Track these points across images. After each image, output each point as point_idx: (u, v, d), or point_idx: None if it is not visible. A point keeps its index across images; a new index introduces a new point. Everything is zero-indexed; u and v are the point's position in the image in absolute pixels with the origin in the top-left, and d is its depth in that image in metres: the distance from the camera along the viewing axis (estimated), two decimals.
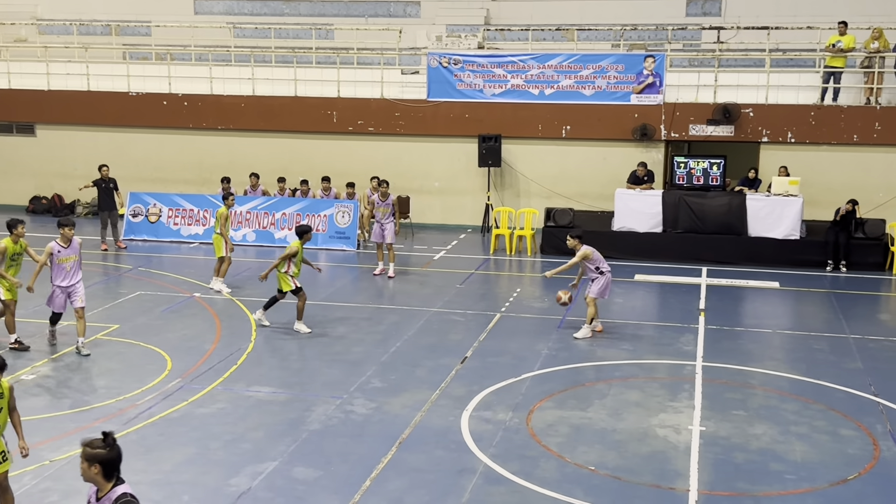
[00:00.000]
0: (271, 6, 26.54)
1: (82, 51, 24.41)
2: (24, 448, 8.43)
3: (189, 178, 23.43)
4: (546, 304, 16.36)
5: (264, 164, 22.66)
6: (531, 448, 10.30)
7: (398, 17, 25.94)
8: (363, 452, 10.11)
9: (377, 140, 22.94)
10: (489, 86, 22.34)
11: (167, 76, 23.56)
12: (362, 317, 15.21)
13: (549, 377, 12.57)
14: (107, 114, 23.84)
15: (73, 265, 13.14)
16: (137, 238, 21.20)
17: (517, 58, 22.27)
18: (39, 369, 12.53)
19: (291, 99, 23.09)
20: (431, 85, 22.54)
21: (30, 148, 24.57)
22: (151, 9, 26.32)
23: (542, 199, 21.97)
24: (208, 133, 23.63)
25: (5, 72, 24.31)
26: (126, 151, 23.62)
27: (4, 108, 24.34)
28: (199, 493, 9.17)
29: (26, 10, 26.79)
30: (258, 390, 11.93)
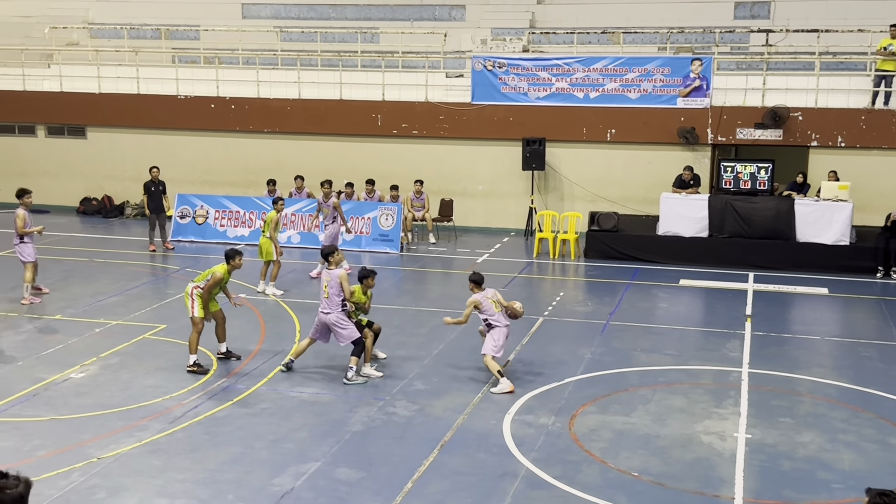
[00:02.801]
0: (318, 10, 26.74)
1: (132, 54, 24.80)
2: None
3: (235, 181, 23.68)
4: (589, 309, 16.27)
5: (309, 166, 22.83)
6: (573, 453, 10.24)
7: (443, 20, 26.00)
8: (405, 454, 10.14)
9: (421, 143, 23.00)
10: (534, 89, 22.29)
11: (215, 79, 23.85)
12: (405, 319, 15.25)
13: (592, 382, 12.49)
14: (156, 117, 24.19)
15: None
16: (185, 239, 21.48)
17: (562, 61, 22.19)
18: (88, 367, 12.74)
19: (337, 102, 23.23)
20: (476, 88, 22.54)
21: (81, 150, 25.00)
22: (201, 13, 26.67)
23: (586, 203, 21.86)
24: (254, 136, 23.87)
25: (57, 75, 24.77)
26: (174, 154, 23.94)
27: (56, 110, 24.81)
28: (244, 491, 9.26)
29: (78, 15, 27.29)
30: (302, 391, 12.01)
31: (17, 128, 25.32)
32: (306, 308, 15.67)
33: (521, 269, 19.26)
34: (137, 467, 9.75)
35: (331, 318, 12.25)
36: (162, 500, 9.06)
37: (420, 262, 19.72)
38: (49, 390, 11.89)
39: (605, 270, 19.15)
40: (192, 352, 12.62)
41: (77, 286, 17.12)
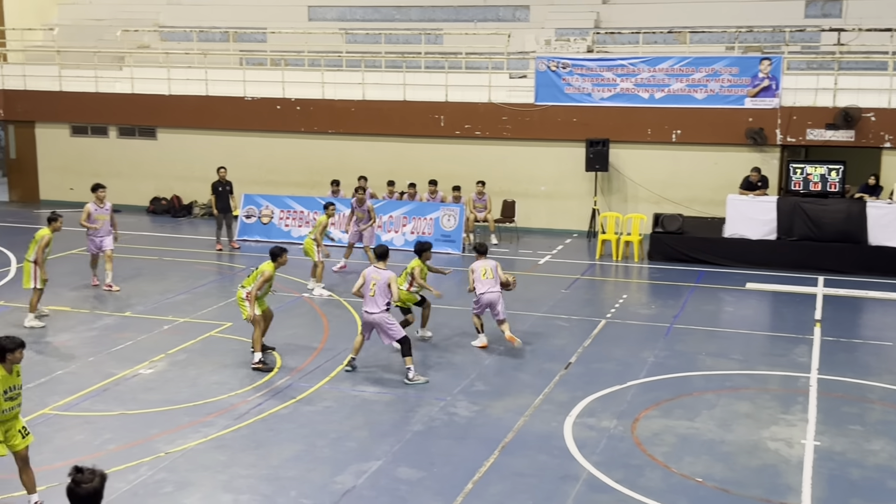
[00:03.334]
0: (382, 12, 26.91)
1: (201, 57, 25.24)
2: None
3: (300, 181, 23.95)
4: (653, 311, 16.10)
5: (373, 167, 22.98)
6: (636, 457, 10.14)
7: (507, 21, 25.95)
8: (466, 455, 10.15)
9: (484, 144, 22.99)
10: (598, 89, 22.13)
11: (281, 81, 24.15)
12: (466, 320, 15.25)
13: (655, 385, 12.36)
14: (223, 118, 24.59)
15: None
16: (250, 239, 21.79)
17: (627, 61, 21.98)
18: (157, 364, 13.00)
19: (400, 103, 23.35)
20: (539, 89, 22.46)
21: (151, 151, 25.53)
22: (268, 16, 27.04)
23: (650, 205, 21.62)
24: (319, 137, 24.12)
25: (129, 77, 25.33)
26: (241, 154, 24.31)
27: (128, 112, 25.38)
28: (306, 488, 9.36)
29: (149, 18, 27.87)
30: (363, 390, 12.10)
31: (91, 129, 25.96)
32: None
33: (583, 270, 19.13)
34: (203, 462, 9.93)
35: (376, 318, 12.29)
36: (226, 496, 9.21)
37: None
38: (119, 386, 12.17)
39: (669, 273, 18.92)
40: (256, 350, 12.80)
41: (146, 284, 17.49)
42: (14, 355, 8.50)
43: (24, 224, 23.43)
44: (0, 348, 8.46)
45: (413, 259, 13.83)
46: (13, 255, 19.63)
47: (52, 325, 14.86)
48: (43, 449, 10.21)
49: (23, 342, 8.61)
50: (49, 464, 9.76)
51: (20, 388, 8.68)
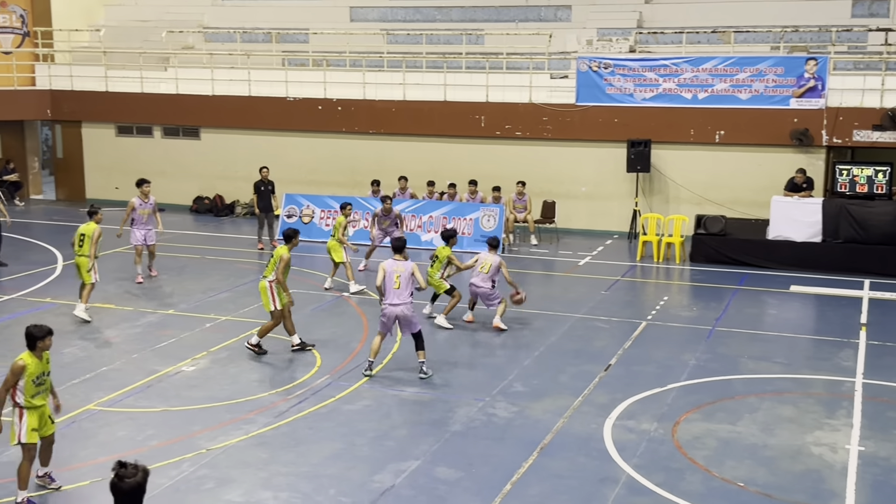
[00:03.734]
0: (423, 12, 26.95)
1: (245, 58, 25.47)
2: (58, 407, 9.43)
3: (341, 181, 24.06)
4: (695, 314, 15.95)
5: (413, 167, 23.03)
6: (676, 460, 10.06)
7: (549, 21, 25.85)
8: (504, 456, 10.13)
9: (524, 144, 22.94)
10: (640, 90, 21.97)
11: (322, 82, 24.29)
12: (506, 320, 15.23)
13: (696, 388, 12.24)
14: (266, 118, 24.79)
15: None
16: None
17: (670, 61, 21.80)
18: (199, 361, 13.14)
19: (441, 104, 23.38)
20: (580, 89, 22.35)
21: (194, 150, 25.82)
22: (310, 17, 27.20)
23: (692, 206, 21.42)
24: (360, 137, 24.22)
25: (173, 78, 25.63)
26: (282, 154, 24.49)
27: (172, 112, 25.69)
28: (345, 487, 9.41)
29: (194, 19, 28.18)
30: (402, 389, 12.13)
31: (136, 129, 26.32)
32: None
33: (623, 272, 19.01)
34: (244, 459, 10.02)
35: (402, 309, 12.34)
36: (266, 493, 9.28)
37: (521, 264, 19.66)
38: (162, 382, 12.33)
39: (711, 275, 18.73)
40: (260, 335, 13.24)
41: (189, 282, 17.70)
42: (44, 342, 8.86)
43: (70, 222, 23.82)
44: (30, 336, 8.84)
45: (439, 247, 15.07)
46: (60, 252, 19.96)
47: (97, 322, 15.08)
48: (88, 444, 10.38)
49: (51, 329, 8.95)
50: (93, 458, 9.91)
51: (48, 375, 9.04)
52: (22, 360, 8.77)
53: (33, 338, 8.81)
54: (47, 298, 16.28)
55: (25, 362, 8.76)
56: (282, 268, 13.12)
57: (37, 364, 8.83)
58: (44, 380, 8.95)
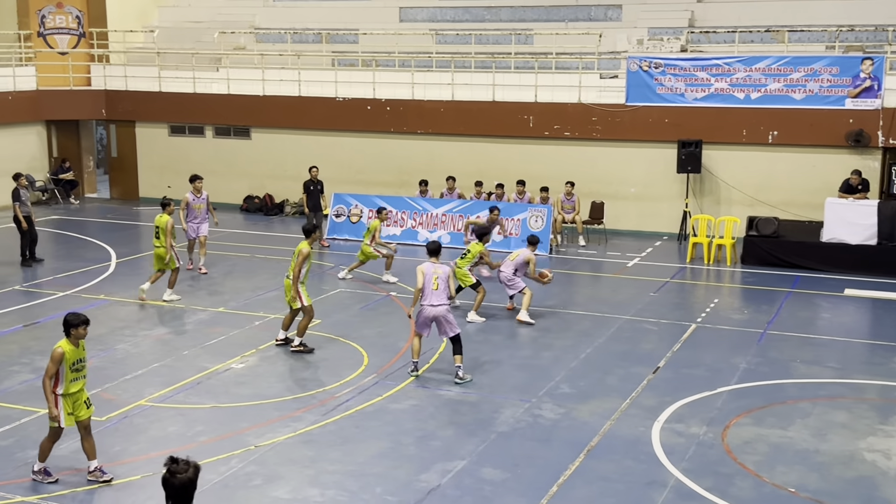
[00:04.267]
0: (473, 12, 26.94)
1: (295, 58, 25.69)
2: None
3: (388, 181, 24.15)
4: (746, 316, 15.73)
5: (461, 167, 23.03)
6: (726, 465, 9.93)
7: (599, 20, 25.68)
8: (550, 457, 10.09)
9: (573, 145, 22.81)
10: (691, 90, 21.73)
11: (371, 82, 24.41)
12: (553, 321, 15.17)
13: (746, 392, 12.08)
14: (315, 118, 24.97)
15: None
16: (339, 237, 22.07)
17: (722, 60, 21.53)
18: (248, 359, 13.28)
19: (489, 104, 23.35)
20: (630, 89, 22.17)
21: (245, 150, 26.09)
22: (360, 17, 27.34)
23: (744, 208, 21.13)
24: (408, 137, 24.28)
25: (225, 78, 25.94)
26: (331, 154, 24.64)
27: (223, 112, 25.99)
28: (391, 486, 9.43)
29: (245, 20, 28.49)
30: (449, 389, 12.13)
31: (188, 128, 26.68)
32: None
33: (673, 273, 18.82)
34: (291, 456, 10.10)
35: (440, 310, 12.35)
36: (314, 490, 9.34)
37: (569, 265, 19.56)
38: (211, 379, 12.48)
39: (763, 277, 18.46)
40: (299, 334, 13.40)
41: (239, 280, 17.89)
42: (78, 330, 9.16)
43: (124, 221, 24.25)
44: (66, 323, 9.21)
45: (472, 243, 15.61)
46: (113, 250, 20.30)
47: (150, 319, 15.32)
48: (139, 439, 10.54)
49: (87, 319, 9.29)
50: (144, 454, 10.07)
51: (85, 361, 9.34)
52: (60, 348, 9.11)
53: (68, 325, 9.18)
54: (101, 295, 16.57)
55: (63, 349, 9.10)
56: (300, 262, 13.26)
57: (73, 351, 9.16)
58: (80, 366, 9.29)
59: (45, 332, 14.35)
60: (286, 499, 9.17)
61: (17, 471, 9.67)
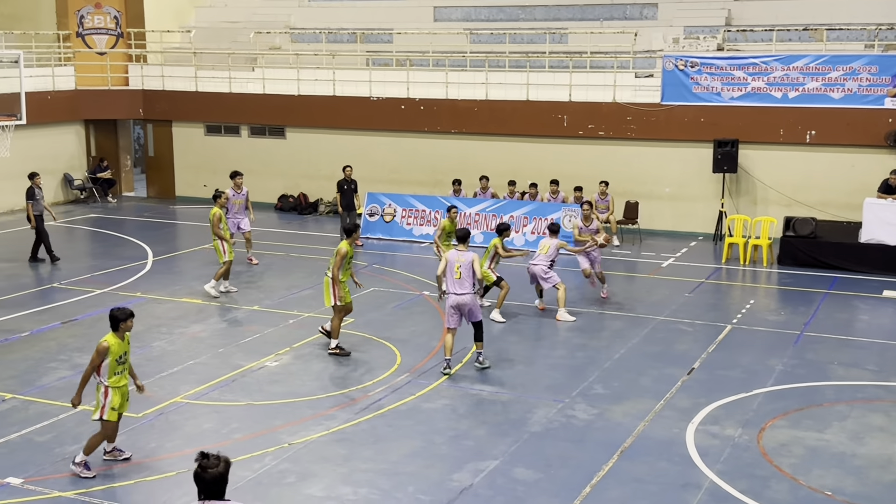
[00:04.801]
0: (507, 12, 26.89)
1: (330, 58, 25.80)
2: (141, 386, 10.02)
3: (422, 180, 24.18)
4: (782, 318, 15.56)
5: (494, 166, 23.00)
6: (761, 467, 9.83)
7: (634, 19, 25.53)
8: (583, 458, 10.05)
9: (607, 144, 22.70)
10: (727, 89, 21.53)
11: (406, 81, 24.45)
12: (586, 321, 15.11)
13: (783, 394, 11.95)
14: (349, 117, 25.07)
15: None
16: (373, 237, 22.14)
17: (759, 59, 21.31)
18: (282, 357, 13.36)
19: (523, 103, 23.30)
20: (666, 88, 22.02)
21: (280, 149, 26.26)
22: (394, 17, 27.40)
23: (780, 208, 20.90)
24: (442, 136, 24.30)
25: (261, 78, 26.11)
26: (365, 153, 24.72)
27: (259, 112, 26.17)
28: (424, 485, 9.45)
29: (281, 20, 28.66)
30: (482, 389, 12.13)
31: (224, 128, 26.89)
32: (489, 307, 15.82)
33: (708, 274, 18.66)
34: (325, 454, 10.15)
35: (465, 298, 12.48)
36: (346, 488, 9.38)
37: (603, 265, 19.40)
38: (246, 377, 12.57)
39: (800, 278, 18.25)
40: (334, 336, 13.34)
41: (274, 279, 18.01)
42: (126, 324, 9.45)
43: (160, 219, 24.51)
44: (114, 318, 9.47)
45: (493, 238, 15.43)
46: (150, 248, 20.52)
47: (186, 317, 15.46)
48: (174, 436, 10.65)
49: (132, 312, 9.55)
50: (179, 450, 10.16)
51: (128, 355, 9.61)
52: (106, 342, 9.36)
53: (116, 320, 9.43)
54: (137, 293, 16.76)
55: (109, 343, 9.35)
56: (338, 261, 13.20)
57: (119, 345, 9.44)
58: (125, 359, 9.54)
59: (82, 330, 14.55)
60: (319, 496, 9.22)
61: (55, 466, 9.82)
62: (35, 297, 16.41)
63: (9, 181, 23.94)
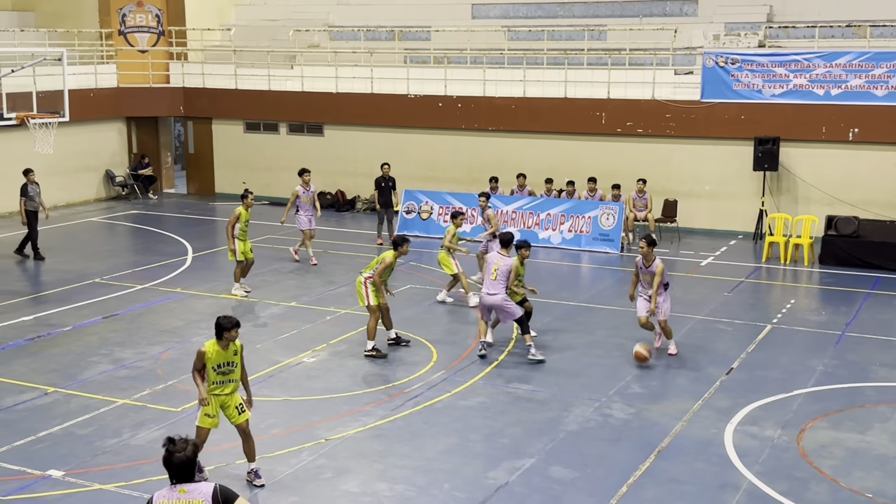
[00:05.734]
0: (546, 8, 26.79)
1: (368, 55, 25.88)
2: (249, 401, 9.44)
3: (459, 178, 24.18)
4: (823, 318, 15.36)
5: (531, 164, 22.94)
6: (801, 469, 9.71)
7: (674, 16, 25.31)
8: (620, 458, 9.99)
9: (646, 142, 22.54)
10: (769, 86, 21.28)
11: (443, 79, 24.46)
12: (624, 320, 15.01)
13: (823, 395, 11.79)
14: (387, 115, 25.13)
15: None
16: (410, 234, 22.15)
17: (801, 56, 21.03)
18: (319, 353, 13.44)
19: (561, 100, 23.20)
20: (706, 85, 21.81)
21: (318, 147, 26.39)
22: (432, 14, 27.41)
23: (822, 206, 20.62)
24: (479, 134, 24.27)
25: (299, 76, 26.26)
26: (403, 151, 24.77)
27: (298, 109, 26.32)
28: (459, 482, 9.45)
29: (319, 18, 28.80)
30: (518, 387, 12.10)
31: (263, 125, 27.09)
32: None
33: (748, 273, 18.46)
34: (361, 450, 10.19)
35: (497, 299, 12.86)
36: (382, 484, 9.41)
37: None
38: (283, 372, 12.66)
39: (841, 278, 17.99)
40: (370, 338, 13.22)
41: (311, 276, 18.11)
42: (229, 333, 9.05)
43: (200, 216, 24.75)
44: (218, 326, 9.09)
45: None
46: (190, 245, 20.73)
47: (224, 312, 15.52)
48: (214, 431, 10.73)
49: (237, 322, 9.14)
50: (217, 444, 10.24)
51: (233, 366, 9.20)
52: (203, 347, 9.09)
53: (220, 328, 9.05)
54: (178, 288, 16.94)
55: (205, 349, 9.05)
56: (381, 269, 13.19)
57: (219, 353, 9.07)
58: (227, 370, 9.14)
59: (123, 325, 14.74)
60: (355, 492, 9.26)
61: (96, 459, 9.96)
62: (77, 292, 16.65)
63: (53, 177, 24.30)
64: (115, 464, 9.83)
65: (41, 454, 10.06)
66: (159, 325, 14.58)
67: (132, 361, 13.02)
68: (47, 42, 25.47)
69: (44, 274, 18.07)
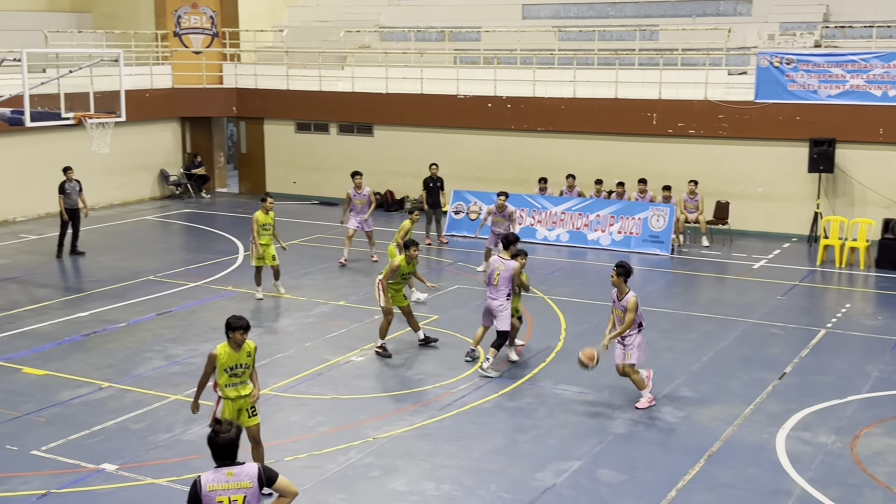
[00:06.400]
0: (597, 9, 26.64)
1: (418, 56, 25.96)
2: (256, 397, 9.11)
3: (508, 178, 24.12)
4: (879, 323, 15.06)
5: (581, 165, 22.82)
6: (855, 475, 9.54)
7: (727, 15, 24.99)
8: (669, 462, 9.90)
9: (697, 143, 22.29)
10: (824, 86, 20.91)
11: (493, 79, 24.43)
12: (674, 323, 14.87)
13: (879, 401, 11.56)
14: (436, 115, 25.17)
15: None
16: (458, 234, 22.18)
17: (858, 56, 20.64)
18: (367, 352, 13.51)
19: (611, 101, 23.04)
20: (760, 86, 21.50)
21: (367, 147, 26.52)
22: (483, 15, 27.41)
23: (879, 209, 20.21)
24: (528, 134, 24.21)
25: (350, 76, 26.43)
26: (452, 151, 24.80)
27: (348, 109, 26.49)
28: (506, 483, 9.44)
29: (370, 19, 28.97)
30: (565, 389, 12.05)
31: (313, 126, 27.31)
32: (572, 307, 15.72)
33: (802, 276, 18.17)
34: (408, 450, 10.22)
35: (495, 304, 12.61)
36: (429, 484, 9.44)
37: (691, 266, 19.13)
38: (332, 371, 12.75)
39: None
40: (381, 337, 13.30)
41: (360, 275, 18.21)
42: (234, 334, 8.72)
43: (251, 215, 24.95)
44: (226, 325, 8.81)
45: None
46: (241, 243, 20.98)
47: (274, 311, 15.77)
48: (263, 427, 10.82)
49: (247, 325, 8.80)
50: (267, 441, 10.34)
51: (247, 368, 8.91)
52: (215, 350, 8.84)
53: (228, 327, 8.78)
54: (229, 287, 17.15)
55: (216, 352, 8.80)
56: (388, 272, 13.24)
57: (230, 355, 8.79)
58: (238, 371, 8.85)
59: (176, 322, 14.96)
60: (402, 491, 9.29)
61: (149, 454, 10.12)
62: (131, 289, 16.94)
63: (110, 176, 24.78)
64: (167, 458, 9.99)
65: (95, 448, 10.26)
66: (211, 323, 14.77)
67: (184, 358, 13.22)
68: (104, 43, 25.93)
69: (99, 271, 18.41)
